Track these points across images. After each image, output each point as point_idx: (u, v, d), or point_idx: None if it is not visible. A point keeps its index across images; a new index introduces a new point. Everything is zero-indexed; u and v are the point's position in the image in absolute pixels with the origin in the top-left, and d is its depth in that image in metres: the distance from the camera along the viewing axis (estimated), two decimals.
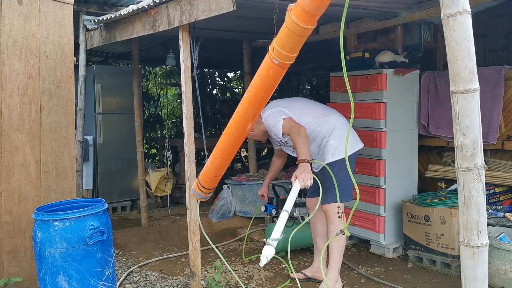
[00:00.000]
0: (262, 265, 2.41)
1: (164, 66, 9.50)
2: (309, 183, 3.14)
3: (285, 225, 4.33)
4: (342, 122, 3.68)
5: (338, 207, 3.31)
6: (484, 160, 1.79)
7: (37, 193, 3.58)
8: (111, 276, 3.15)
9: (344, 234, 3.10)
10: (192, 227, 3.51)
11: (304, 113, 3.61)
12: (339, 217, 3.28)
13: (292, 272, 3.82)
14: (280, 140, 3.67)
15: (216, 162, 2.68)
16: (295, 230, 3.14)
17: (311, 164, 3.39)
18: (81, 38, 5.10)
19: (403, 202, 4.36)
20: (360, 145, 3.75)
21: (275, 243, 2.43)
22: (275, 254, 4.35)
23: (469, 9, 1.70)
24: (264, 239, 2.49)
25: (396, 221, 4.47)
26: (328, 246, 3.64)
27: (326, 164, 3.54)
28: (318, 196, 3.71)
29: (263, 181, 5.67)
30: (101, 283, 3.06)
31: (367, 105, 4.45)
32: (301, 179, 3.14)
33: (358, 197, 2.68)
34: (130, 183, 6.55)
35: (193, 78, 3.62)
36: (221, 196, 5.92)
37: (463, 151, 1.75)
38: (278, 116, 3.53)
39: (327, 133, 3.61)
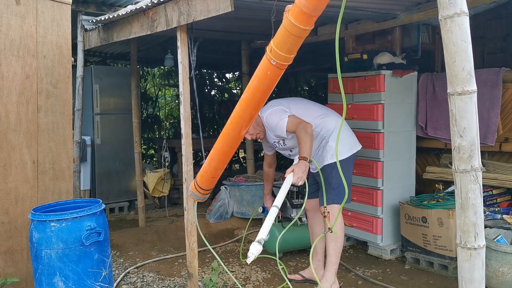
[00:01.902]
0: (249, 262, 2.40)
1: (162, 67, 9.49)
2: (300, 183, 3.15)
3: (282, 226, 4.38)
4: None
5: (325, 207, 3.32)
6: (482, 162, 1.79)
7: (34, 194, 3.56)
8: (107, 277, 3.14)
9: (331, 232, 3.12)
10: (190, 228, 3.51)
11: (304, 113, 3.59)
12: (324, 216, 3.29)
13: (285, 274, 3.81)
14: (278, 141, 3.65)
15: (214, 163, 2.67)
16: (284, 230, 3.14)
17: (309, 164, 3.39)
18: (79, 38, 5.09)
19: (400, 204, 4.35)
20: (358, 146, 3.75)
21: (263, 241, 2.43)
22: (272, 256, 4.36)
23: (467, 11, 1.70)
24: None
25: (393, 222, 4.47)
26: (325, 248, 3.64)
27: (325, 165, 3.55)
28: (317, 197, 3.71)
29: (260, 182, 5.71)
30: (97, 284, 3.05)
31: (365, 106, 4.45)
32: (296, 177, 3.14)
33: (346, 197, 2.68)
34: (127, 183, 6.54)
35: (191, 79, 3.61)
36: (219, 197, 5.91)
37: (460, 153, 1.75)
38: (281, 114, 3.51)
39: (327, 134, 3.61)
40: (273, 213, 2.67)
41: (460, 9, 1.69)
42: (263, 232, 2.48)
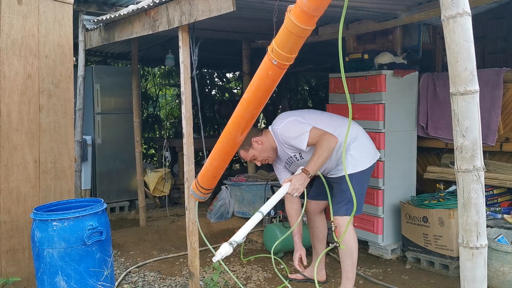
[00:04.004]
0: (214, 261, 2.42)
1: (163, 67, 9.50)
2: (296, 195, 3.10)
3: (283, 225, 4.39)
4: (361, 130, 3.58)
5: (332, 221, 3.26)
6: (483, 162, 1.79)
7: (35, 193, 3.57)
8: (109, 276, 3.15)
9: (339, 246, 3.08)
10: (191, 228, 3.51)
11: (320, 123, 3.38)
12: (333, 231, 3.22)
13: (286, 274, 3.81)
14: (294, 155, 3.44)
15: (215, 163, 2.68)
16: (285, 235, 3.12)
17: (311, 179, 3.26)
18: (80, 38, 5.10)
19: (401, 204, 4.36)
20: (377, 155, 3.64)
21: (235, 244, 2.44)
22: (272, 255, 4.37)
23: (469, 11, 1.70)
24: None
25: (394, 222, 4.47)
26: (340, 262, 3.57)
27: (344, 175, 3.43)
28: (321, 199, 3.66)
29: (261, 182, 5.72)
30: (99, 283, 3.05)
31: (366, 106, 4.45)
32: (292, 188, 3.06)
33: (354, 209, 2.66)
34: (128, 183, 6.55)
35: (192, 78, 3.61)
36: (219, 196, 5.92)
37: (463, 152, 1.75)
38: (301, 127, 3.30)
39: (348, 142, 3.44)
40: (255, 218, 2.66)
41: (463, 9, 1.69)
42: (239, 235, 2.48)
